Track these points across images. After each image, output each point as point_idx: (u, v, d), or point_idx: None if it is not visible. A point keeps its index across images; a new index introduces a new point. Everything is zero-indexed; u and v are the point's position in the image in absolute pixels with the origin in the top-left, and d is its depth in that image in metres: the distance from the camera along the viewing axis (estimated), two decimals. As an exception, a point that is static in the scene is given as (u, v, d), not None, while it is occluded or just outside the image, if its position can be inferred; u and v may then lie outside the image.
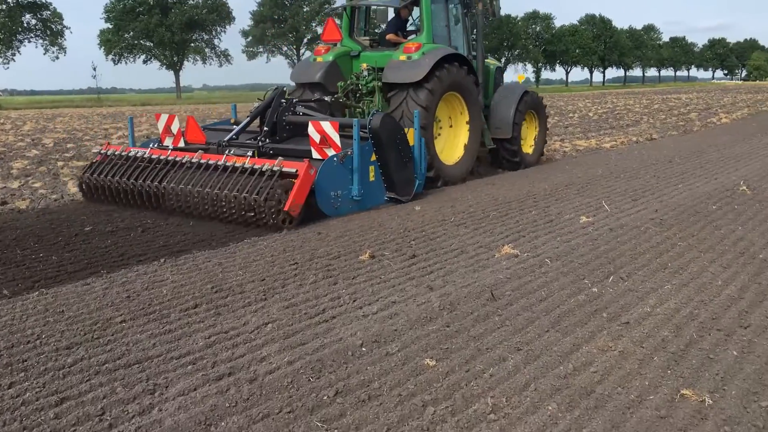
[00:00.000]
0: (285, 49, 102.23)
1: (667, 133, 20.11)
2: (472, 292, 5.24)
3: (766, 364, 3.89)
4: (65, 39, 71.27)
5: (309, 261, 6.16)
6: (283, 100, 9.23)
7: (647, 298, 5.08)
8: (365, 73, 10.51)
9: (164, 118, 9.51)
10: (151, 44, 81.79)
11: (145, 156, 8.93)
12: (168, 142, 9.40)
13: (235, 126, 9.67)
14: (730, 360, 3.96)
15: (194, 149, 8.80)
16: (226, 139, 8.98)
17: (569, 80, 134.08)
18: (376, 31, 12.20)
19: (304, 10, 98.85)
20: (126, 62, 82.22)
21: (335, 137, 8.09)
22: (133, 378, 3.78)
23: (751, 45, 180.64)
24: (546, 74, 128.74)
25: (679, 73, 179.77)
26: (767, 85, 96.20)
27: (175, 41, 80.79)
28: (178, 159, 8.54)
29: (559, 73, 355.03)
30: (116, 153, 9.26)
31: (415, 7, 11.04)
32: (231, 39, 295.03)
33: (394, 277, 5.69)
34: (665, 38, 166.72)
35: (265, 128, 9.00)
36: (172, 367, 3.92)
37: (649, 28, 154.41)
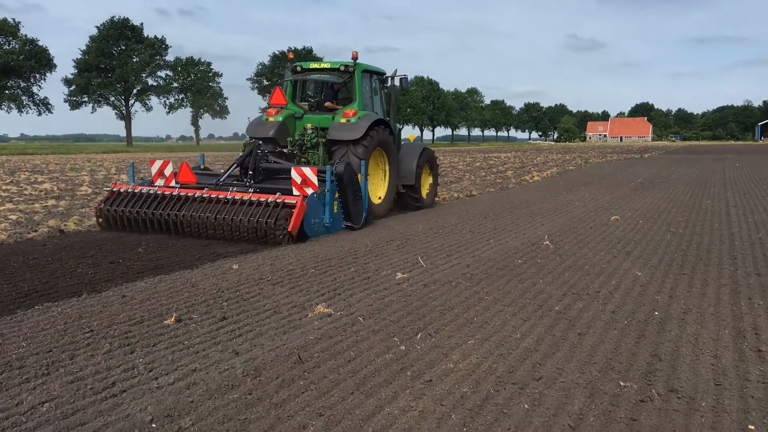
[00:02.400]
0: (112, 99, 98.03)
1: (485, 189, 21.34)
2: (279, 355, 5.08)
3: (553, 416, 4.06)
4: None
5: (107, 328, 5.69)
6: (258, 151, 11.76)
7: (451, 353, 5.19)
8: (310, 131, 13.40)
9: (158, 163, 11.86)
10: (-42, 90, 75.11)
11: (158, 192, 11.09)
12: (159, 182, 11.59)
13: (208, 171, 12.97)
14: (521, 414, 4.09)
15: (201, 186, 11.15)
16: (222, 179, 11.53)
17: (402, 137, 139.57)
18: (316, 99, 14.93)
19: (134, 60, 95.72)
20: (-72, 108, 74.81)
21: (314, 179, 10.67)
22: None
23: (561, 110, 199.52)
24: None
25: (500, 133, 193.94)
26: (574, 146, 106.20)
27: (-13, 87, 74.74)
28: (190, 195, 10.88)
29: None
30: (127, 191, 11.36)
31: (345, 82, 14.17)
32: (53, 87, 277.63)
33: (198, 342, 5.39)
34: (487, 101, 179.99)
35: (250, 172, 11.54)
36: None
37: (473, 92, 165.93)
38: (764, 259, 8.98)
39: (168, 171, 11.62)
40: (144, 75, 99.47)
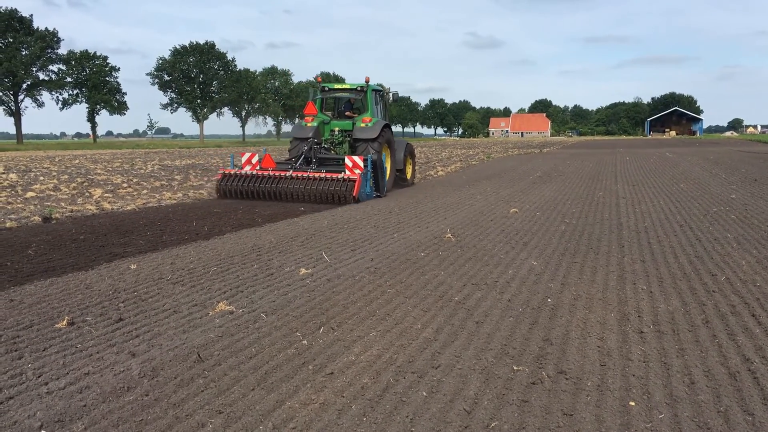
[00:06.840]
0: (0, 94, 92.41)
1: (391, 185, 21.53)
2: (179, 354, 4.99)
3: (450, 402, 4.20)
4: None
5: (-8, 334, 5.41)
6: (315, 146, 17.64)
7: (353, 346, 5.25)
8: (337, 132, 18.77)
9: (247, 155, 17.51)
10: None
11: (257, 174, 16.64)
12: (246, 168, 16.99)
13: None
14: (419, 401, 4.20)
15: (285, 169, 16.73)
16: (297, 164, 17.19)
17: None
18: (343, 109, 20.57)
19: (23, 53, 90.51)
20: None
21: (361, 164, 16.24)
22: None
23: (465, 106, 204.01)
24: (286, 127, 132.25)
25: (406, 129, 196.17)
26: (478, 141, 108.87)
27: None
28: (281, 174, 16.43)
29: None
30: (232, 173, 16.93)
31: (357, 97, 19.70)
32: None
33: (93, 345, 5.21)
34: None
35: (313, 160, 17.44)
36: None
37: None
38: (648, 246, 9.54)
39: (254, 160, 17.17)
40: (35, 69, 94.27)
